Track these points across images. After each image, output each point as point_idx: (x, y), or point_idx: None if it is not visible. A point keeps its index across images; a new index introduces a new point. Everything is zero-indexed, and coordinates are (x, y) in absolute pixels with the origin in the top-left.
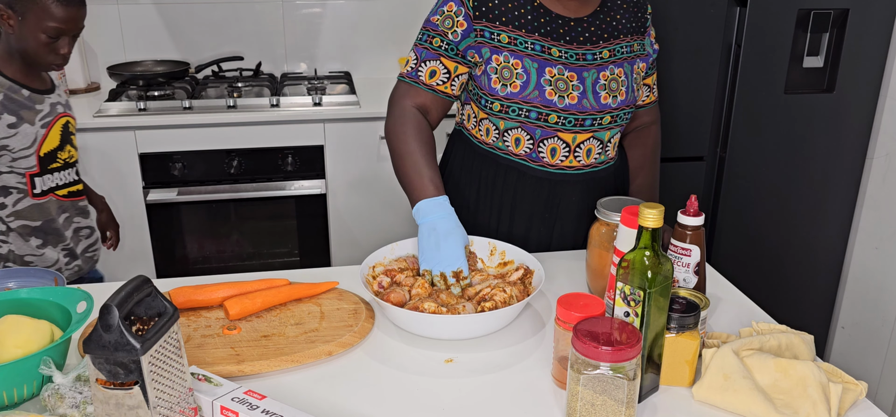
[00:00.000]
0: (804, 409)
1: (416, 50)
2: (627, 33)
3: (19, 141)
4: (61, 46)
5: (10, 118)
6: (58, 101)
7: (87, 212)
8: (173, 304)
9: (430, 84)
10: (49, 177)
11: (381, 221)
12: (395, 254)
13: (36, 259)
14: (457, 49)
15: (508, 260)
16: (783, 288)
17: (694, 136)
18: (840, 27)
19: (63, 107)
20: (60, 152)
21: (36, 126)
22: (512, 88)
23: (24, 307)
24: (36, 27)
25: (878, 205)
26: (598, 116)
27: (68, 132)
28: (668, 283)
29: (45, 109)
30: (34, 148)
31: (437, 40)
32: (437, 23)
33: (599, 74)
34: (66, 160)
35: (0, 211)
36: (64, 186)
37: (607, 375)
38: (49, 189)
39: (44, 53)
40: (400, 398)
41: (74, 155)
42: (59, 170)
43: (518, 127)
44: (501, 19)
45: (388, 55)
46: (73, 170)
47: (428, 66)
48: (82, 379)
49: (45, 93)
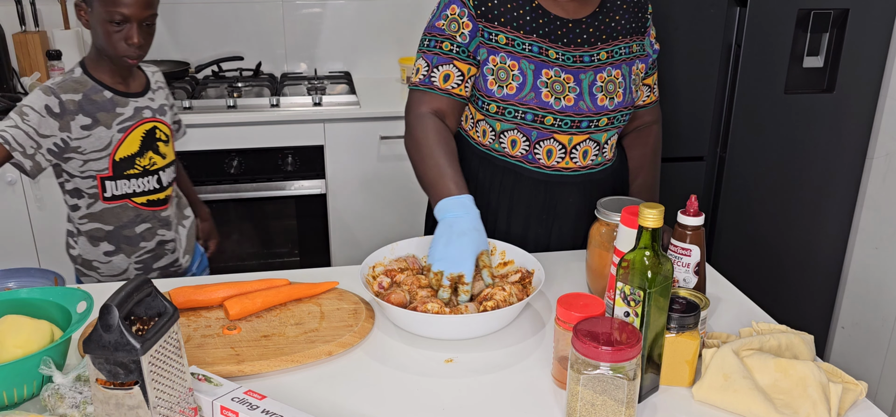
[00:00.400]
0: (804, 409)
1: (425, 57)
2: (627, 34)
3: (92, 143)
4: (131, 35)
5: (85, 120)
6: (146, 106)
7: (170, 224)
8: (173, 304)
9: (446, 88)
10: (124, 183)
11: (381, 221)
12: (395, 254)
13: (103, 265)
14: (467, 50)
15: (508, 259)
16: (783, 288)
17: (694, 136)
18: (840, 27)
19: (152, 113)
20: (140, 158)
21: (112, 129)
22: (508, 90)
23: (24, 307)
24: (103, 16)
25: (878, 205)
26: (595, 118)
27: (154, 139)
28: (668, 283)
29: (127, 113)
30: (108, 151)
31: (446, 44)
32: (443, 27)
33: (596, 76)
34: (147, 167)
35: (73, 212)
36: (142, 193)
37: (607, 375)
38: (122, 194)
39: (114, 44)
40: (400, 398)
41: (158, 162)
42: (136, 176)
43: (514, 128)
44: (500, 20)
45: (388, 55)
46: (154, 178)
47: (441, 71)
48: (82, 379)
49: (133, 97)
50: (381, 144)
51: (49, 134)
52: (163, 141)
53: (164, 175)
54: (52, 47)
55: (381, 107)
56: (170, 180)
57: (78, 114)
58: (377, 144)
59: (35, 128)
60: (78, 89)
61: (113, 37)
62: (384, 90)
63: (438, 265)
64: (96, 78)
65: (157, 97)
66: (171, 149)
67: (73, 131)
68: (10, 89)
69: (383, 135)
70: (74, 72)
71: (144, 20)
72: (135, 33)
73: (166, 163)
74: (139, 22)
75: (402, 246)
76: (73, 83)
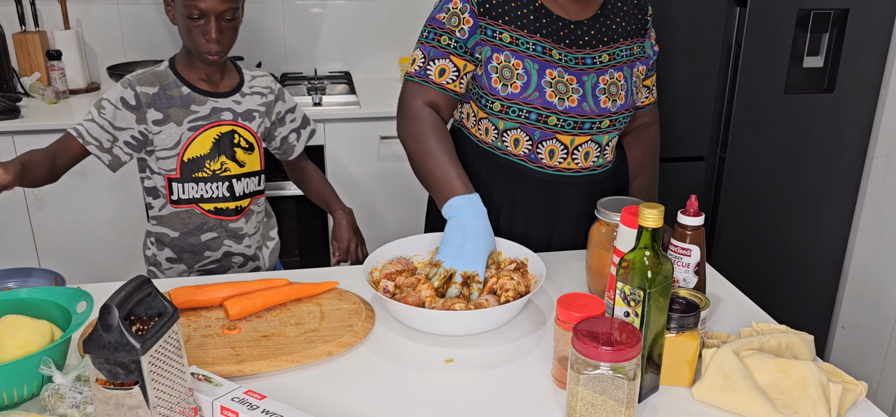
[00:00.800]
0: (804, 409)
1: (422, 48)
2: (627, 36)
3: (163, 139)
4: (209, 30)
5: (157, 114)
6: (228, 108)
7: (242, 238)
8: (173, 304)
9: (440, 83)
10: (191, 186)
11: (380, 221)
12: (386, 257)
13: (167, 271)
14: (465, 46)
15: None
16: (783, 288)
17: (694, 136)
18: (840, 27)
19: (234, 116)
20: (210, 161)
21: (183, 127)
22: (512, 89)
23: (24, 307)
24: (182, 11)
25: (878, 205)
26: (598, 120)
27: (231, 143)
28: (668, 283)
29: (202, 112)
30: (177, 150)
31: (444, 38)
32: (444, 20)
33: (599, 78)
34: (217, 171)
35: (148, 211)
36: (210, 200)
37: (607, 375)
38: (189, 199)
39: (193, 40)
40: (400, 398)
41: (232, 169)
42: (205, 180)
43: (517, 128)
44: (504, 18)
45: (388, 55)
46: (224, 185)
47: (437, 65)
48: (82, 379)
49: (214, 96)
50: (381, 144)
51: (125, 126)
52: (243, 148)
53: (238, 184)
54: (52, 47)
55: (381, 107)
56: (246, 191)
57: (150, 108)
58: (377, 144)
59: (110, 120)
60: (155, 82)
61: (192, 32)
62: (384, 90)
63: (452, 264)
64: (179, 72)
65: (246, 101)
66: (255, 158)
67: (149, 124)
68: (10, 89)
69: (383, 135)
70: (160, 64)
71: (223, 15)
72: (212, 28)
73: (244, 171)
74: (217, 16)
75: (390, 248)
76: (153, 76)
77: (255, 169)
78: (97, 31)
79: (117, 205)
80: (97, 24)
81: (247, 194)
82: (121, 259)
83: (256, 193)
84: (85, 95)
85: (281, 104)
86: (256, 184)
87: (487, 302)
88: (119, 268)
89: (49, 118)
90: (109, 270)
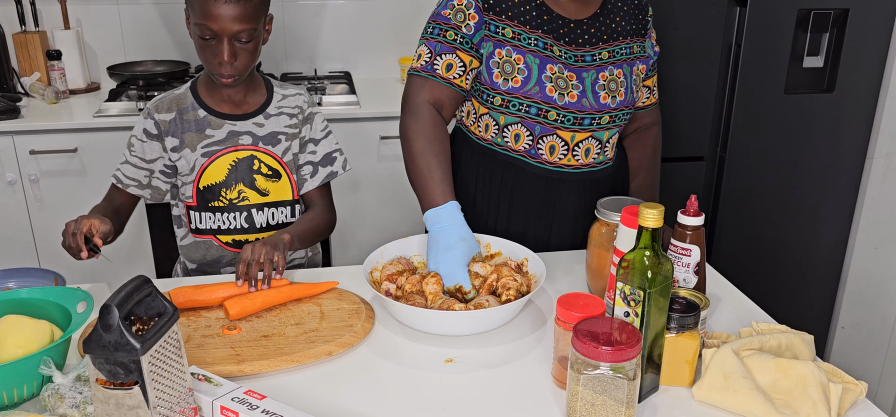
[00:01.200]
0: (804, 409)
1: (428, 44)
2: (627, 35)
3: (182, 166)
4: (221, 52)
5: (174, 141)
6: (247, 132)
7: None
8: (173, 304)
9: (448, 78)
10: (208, 216)
11: (380, 221)
12: (386, 257)
13: None
14: (471, 42)
15: (495, 251)
16: (783, 288)
17: (694, 136)
18: (840, 27)
19: (253, 140)
20: (227, 190)
21: (196, 152)
22: (513, 83)
23: (24, 307)
24: (194, 28)
25: (878, 205)
26: (597, 116)
27: (249, 169)
28: (668, 283)
29: (217, 136)
30: (192, 177)
31: (450, 33)
32: (449, 16)
33: (599, 75)
34: (234, 200)
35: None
36: (227, 231)
37: (607, 375)
38: (207, 229)
39: (206, 61)
40: (400, 398)
41: (251, 198)
42: (222, 210)
43: (518, 122)
44: (507, 13)
45: (388, 55)
46: (241, 216)
47: (444, 60)
48: (82, 379)
49: (231, 119)
50: (382, 144)
51: (156, 156)
52: (265, 175)
53: (259, 215)
54: (52, 47)
55: (381, 107)
56: (271, 223)
57: (168, 135)
58: (377, 144)
59: (140, 156)
60: (173, 107)
61: (205, 53)
62: (384, 90)
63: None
64: (198, 93)
65: (270, 123)
66: (282, 187)
67: (169, 152)
68: (11, 89)
69: (383, 135)
70: (180, 87)
71: (238, 36)
72: (225, 50)
73: (267, 200)
74: (231, 37)
75: (391, 248)
76: (170, 100)
77: (284, 198)
78: (97, 31)
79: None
80: (97, 24)
81: (271, 226)
82: (121, 259)
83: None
84: (85, 95)
85: (307, 129)
86: (286, 215)
87: (487, 303)
88: (119, 268)
89: (49, 118)
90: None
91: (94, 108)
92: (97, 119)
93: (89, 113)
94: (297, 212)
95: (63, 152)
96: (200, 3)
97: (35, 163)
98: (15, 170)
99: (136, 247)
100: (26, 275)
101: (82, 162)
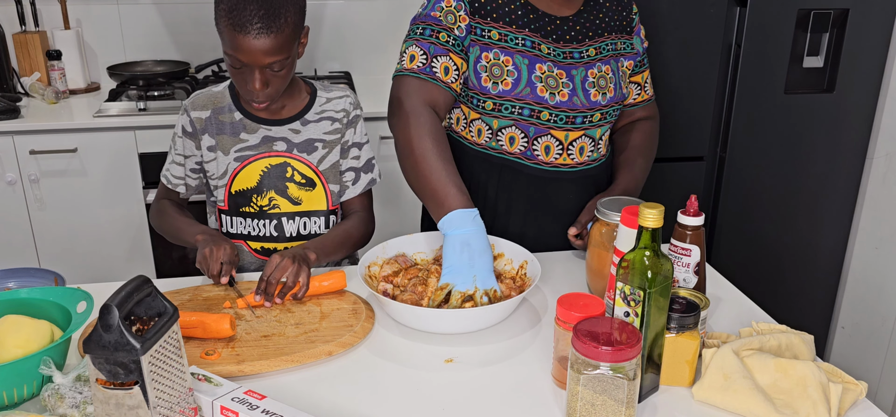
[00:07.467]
0: (804, 409)
1: (421, 45)
2: (611, 31)
3: (214, 168)
4: (251, 80)
5: (210, 140)
6: (282, 137)
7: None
8: (173, 304)
9: (446, 80)
10: (239, 221)
11: (380, 220)
12: (387, 254)
13: None
14: (462, 45)
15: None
16: (783, 288)
17: (694, 136)
18: (840, 27)
19: (288, 147)
20: (258, 196)
21: (229, 156)
22: (503, 86)
23: (24, 307)
24: (224, 53)
25: (877, 205)
26: (589, 113)
27: (282, 177)
28: (668, 283)
29: (251, 141)
30: (225, 180)
31: (443, 35)
32: (440, 18)
33: (588, 72)
34: (264, 208)
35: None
36: (256, 238)
37: (607, 375)
38: (238, 234)
39: (239, 85)
40: (400, 398)
41: (282, 206)
42: (252, 216)
43: (512, 124)
44: (492, 15)
45: (388, 55)
46: (271, 224)
47: (441, 62)
48: (82, 379)
49: (268, 124)
50: (382, 144)
51: (190, 154)
52: (298, 184)
53: (289, 224)
54: (52, 47)
55: (381, 107)
56: (301, 232)
57: (205, 133)
58: (377, 144)
59: (181, 152)
60: (208, 105)
61: (236, 77)
62: (384, 90)
63: (465, 286)
64: (235, 94)
65: (308, 130)
66: (317, 196)
67: (204, 151)
68: (11, 89)
69: (383, 135)
70: (218, 85)
71: (268, 66)
72: (256, 79)
73: (299, 210)
74: (261, 68)
75: (392, 245)
76: (206, 98)
77: (318, 208)
78: (97, 31)
79: (117, 205)
80: (97, 24)
81: (302, 236)
82: (121, 259)
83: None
84: (85, 95)
85: (351, 133)
86: (320, 225)
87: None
88: (119, 268)
89: (49, 118)
90: (109, 270)
91: (94, 108)
92: (97, 119)
93: (89, 113)
94: (332, 223)
95: (63, 152)
96: (229, 34)
97: (35, 163)
98: (15, 170)
99: (136, 247)
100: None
101: (82, 162)
